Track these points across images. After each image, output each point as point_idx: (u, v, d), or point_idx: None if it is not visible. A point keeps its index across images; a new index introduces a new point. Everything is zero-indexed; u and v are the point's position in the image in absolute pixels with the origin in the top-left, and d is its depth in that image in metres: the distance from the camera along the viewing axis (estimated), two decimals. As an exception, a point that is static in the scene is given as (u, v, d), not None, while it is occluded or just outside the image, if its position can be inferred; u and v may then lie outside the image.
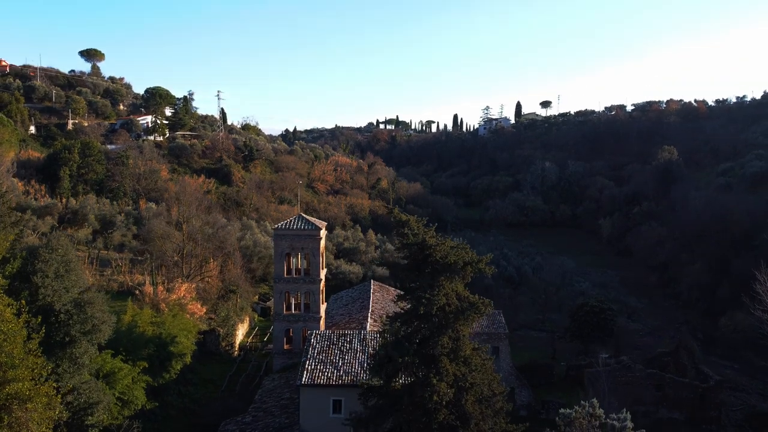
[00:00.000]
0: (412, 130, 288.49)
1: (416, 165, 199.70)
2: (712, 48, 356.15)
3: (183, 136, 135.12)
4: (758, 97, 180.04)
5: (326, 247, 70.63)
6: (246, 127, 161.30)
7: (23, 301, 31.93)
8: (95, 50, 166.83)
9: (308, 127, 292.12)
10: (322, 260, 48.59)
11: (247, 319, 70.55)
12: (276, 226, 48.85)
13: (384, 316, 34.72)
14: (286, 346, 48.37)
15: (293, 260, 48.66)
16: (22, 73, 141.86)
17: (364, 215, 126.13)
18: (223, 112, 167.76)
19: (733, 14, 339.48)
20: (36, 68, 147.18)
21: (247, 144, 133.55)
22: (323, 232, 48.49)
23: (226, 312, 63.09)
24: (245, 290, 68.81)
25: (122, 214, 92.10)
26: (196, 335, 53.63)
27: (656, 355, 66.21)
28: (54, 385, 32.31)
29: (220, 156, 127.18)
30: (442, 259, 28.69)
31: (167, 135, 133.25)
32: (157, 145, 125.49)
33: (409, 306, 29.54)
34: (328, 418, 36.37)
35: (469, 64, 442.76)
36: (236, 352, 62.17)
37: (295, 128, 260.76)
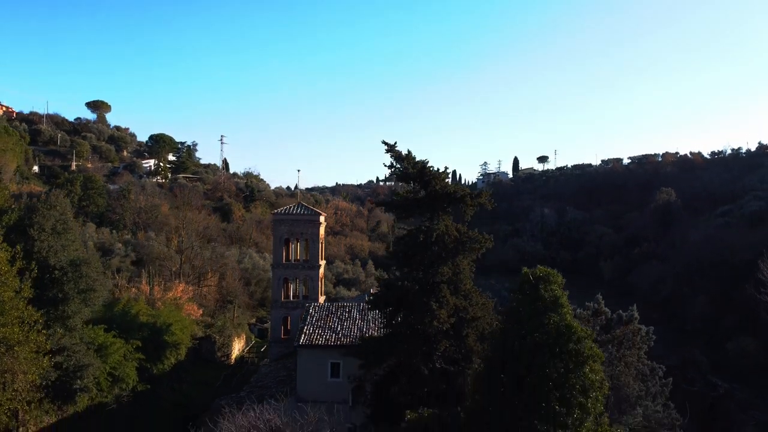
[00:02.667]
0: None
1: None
2: (707, 101, 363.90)
3: (185, 178, 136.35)
4: (753, 148, 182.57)
5: (325, 276, 70.09)
6: (248, 176, 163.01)
7: (18, 247, 31.65)
8: (101, 101, 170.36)
9: (309, 186, 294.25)
10: (322, 248, 48.29)
11: (244, 336, 69.14)
12: (275, 211, 48.73)
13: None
14: (283, 336, 47.27)
15: (292, 247, 48.27)
16: (29, 119, 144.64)
17: (363, 256, 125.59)
18: (225, 162, 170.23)
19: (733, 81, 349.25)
20: (42, 115, 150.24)
21: (248, 185, 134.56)
22: (323, 219, 48.36)
23: (224, 321, 61.97)
24: (243, 302, 67.78)
25: (121, 244, 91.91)
26: (191, 331, 52.62)
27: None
28: (44, 332, 31.64)
29: (221, 196, 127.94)
30: (441, 189, 28.61)
31: (170, 177, 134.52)
32: (159, 185, 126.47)
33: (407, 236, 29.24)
34: (327, 382, 35.22)
35: (467, 124, 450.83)
36: (232, 363, 60.65)
37: (296, 185, 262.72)
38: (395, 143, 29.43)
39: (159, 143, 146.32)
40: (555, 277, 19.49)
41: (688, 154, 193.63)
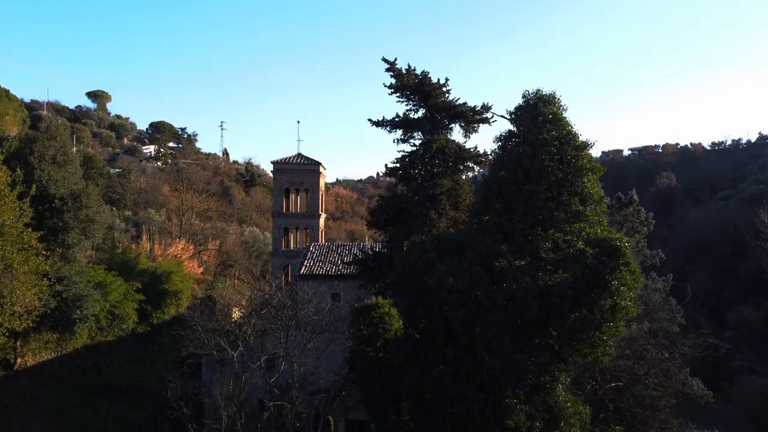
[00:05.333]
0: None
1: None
2: (707, 93, 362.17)
3: (186, 163, 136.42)
4: (753, 139, 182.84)
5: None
6: (248, 164, 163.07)
7: (18, 171, 31.64)
8: (102, 92, 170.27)
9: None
10: (322, 198, 48.28)
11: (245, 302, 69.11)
12: (275, 160, 48.71)
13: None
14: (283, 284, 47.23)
15: (292, 198, 48.28)
16: (29, 106, 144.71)
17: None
18: (225, 151, 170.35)
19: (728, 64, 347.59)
20: (43, 103, 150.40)
21: (248, 169, 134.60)
22: (323, 169, 48.36)
23: (224, 285, 61.91)
24: (243, 266, 67.72)
25: (122, 221, 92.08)
26: (191, 290, 52.56)
27: (664, 332, 64.49)
28: (44, 253, 31.57)
29: (222, 179, 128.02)
30: (441, 103, 28.58)
31: (170, 162, 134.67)
32: (160, 170, 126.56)
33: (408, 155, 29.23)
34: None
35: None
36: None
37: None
38: (395, 59, 29.35)
39: (159, 130, 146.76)
40: (554, 98, 19.40)
41: (689, 145, 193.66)
